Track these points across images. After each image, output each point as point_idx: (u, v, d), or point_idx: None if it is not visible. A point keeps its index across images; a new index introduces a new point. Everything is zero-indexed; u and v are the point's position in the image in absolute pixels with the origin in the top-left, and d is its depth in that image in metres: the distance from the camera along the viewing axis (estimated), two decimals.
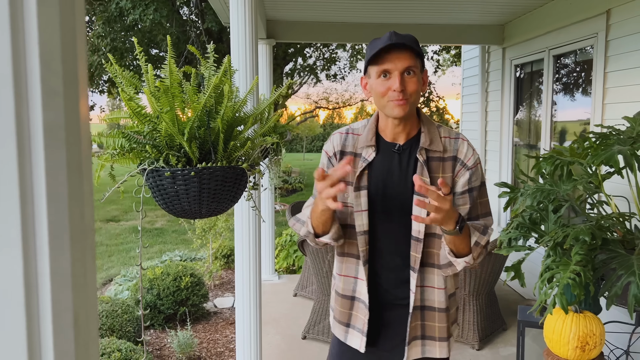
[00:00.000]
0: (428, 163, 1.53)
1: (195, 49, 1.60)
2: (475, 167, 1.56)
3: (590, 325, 2.43)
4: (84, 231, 0.40)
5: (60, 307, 0.38)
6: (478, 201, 1.59)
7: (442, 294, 1.59)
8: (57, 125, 0.37)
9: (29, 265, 0.36)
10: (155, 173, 1.41)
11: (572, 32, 3.67)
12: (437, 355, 1.64)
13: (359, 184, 1.57)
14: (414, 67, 1.45)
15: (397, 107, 1.46)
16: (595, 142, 2.44)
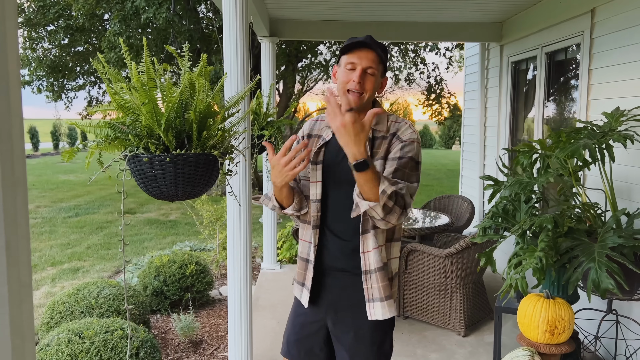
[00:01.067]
0: (373, 141, 1.76)
1: (201, 45, 1.78)
2: (411, 142, 1.73)
3: (560, 311, 2.55)
4: (14, 183, 0.58)
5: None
6: (406, 170, 1.70)
7: (377, 253, 1.74)
8: None
9: None
10: (136, 159, 1.59)
11: (562, 30, 3.76)
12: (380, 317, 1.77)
13: (317, 159, 1.83)
14: (375, 69, 1.71)
15: (351, 97, 1.70)
16: (565, 137, 2.56)
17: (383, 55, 1.73)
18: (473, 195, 5.64)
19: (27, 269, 0.62)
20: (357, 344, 1.81)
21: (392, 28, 5.18)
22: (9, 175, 0.58)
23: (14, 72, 0.60)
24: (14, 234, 0.59)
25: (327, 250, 1.84)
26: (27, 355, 0.61)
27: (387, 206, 1.59)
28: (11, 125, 0.58)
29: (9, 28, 0.59)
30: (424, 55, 12.43)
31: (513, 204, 2.67)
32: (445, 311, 3.63)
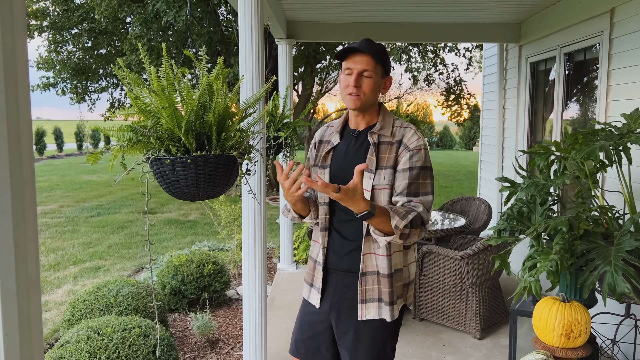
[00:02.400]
0: (378, 145, 1.81)
1: (219, 48, 1.81)
2: (418, 150, 1.77)
3: (576, 314, 2.52)
4: (22, 183, 0.61)
5: (3, 233, 0.58)
6: (419, 181, 1.76)
7: (385, 260, 1.79)
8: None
9: None
10: (158, 161, 1.63)
11: (581, 30, 3.71)
12: (377, 317, 1.83)
13: (324, 164, 1.91)
14: (370, 71, 1.77)
15: (351, 100, 1.80)
16: (582, 138, 2.53)
17: (379, 57, 1.78)
18: (491, 197, 5.59)
19: (36, 265, 0.65)
20: (357, 345, 1.85)
21: (409, 29, 5.17)
22: (18, 176, 0.61)
23: (23, 74, 0.63)
24: (22, 232, 0.61)
25: (334, 251, 1.90)
26: (34, 349, 0.63)
27: (404, 234, 1.67)
28: (20, 127, 0.61)
29: (17, 34, 0.61)
30: (444, 56, 12.35)
31: (528, 206, 2.65)
32: (460, 313, 3.61)
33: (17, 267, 0.60)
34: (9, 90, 0.61)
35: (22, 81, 0.63)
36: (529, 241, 2.54)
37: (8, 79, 0.61)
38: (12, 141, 0.60)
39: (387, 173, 1.78)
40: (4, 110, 0.59)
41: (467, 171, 17.78)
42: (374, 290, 1.82)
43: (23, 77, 0.63)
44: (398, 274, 1.84)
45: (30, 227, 0.63)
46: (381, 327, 1.84)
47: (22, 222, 0.61)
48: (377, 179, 1.79)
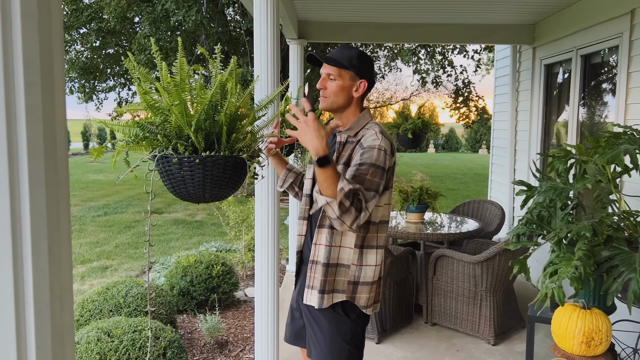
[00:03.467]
0: (345, 144, 1.93)
1: (226, 48, 1.78)
2: (370, 148, 1.81)
3: (597, 322, 2.46)
4: (57, 183, 0.57)
5: (38, 237, 0.54)
6: (366, 177, 1.76)
7: (324, 249, 1.90)
8: (35, 106, 0.53)
9: (14, 205, 0.52)
10: (165, 159, 1.59)
11: (599, 32, 3.66)
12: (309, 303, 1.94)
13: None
14: (333, 74, 1.89)
15: (320, 101, 1.96)
16: (605, 141, 2.47)
17: (345, 64, 1.88)
18: (503, 200, 5.53)
19: (69, 273, 0.61)
20: (311, 327, 2.00)
21: (421, 30, 5.12)
22: (53, 178, 0.57)
23: (59, 71, 0.59)
24: (57, 237, 0.57)
25: (307, 241, 2.05)
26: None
27: (343, 205, 1.66)
28: (55, 127, 0.57)
29: (54, 31, 0.58)
30: (452, 58, 12.28)
31: (549, 211, 2.59)
32: (474, 319, 3.56)
33: (50, 276, 0.56)
34: (46, 86, 0.57)
35: (58, 77, 0.58)
36: (546, 247, 2.49)
37: (45, 73, 0.56)
38: (48, 141, 0.55)
39: (339, 169, 1.86)
40: (39, 107, 0.55)
41: (474, 174, 17.69)
42: (321, 280, 1.91)
43: (59, 72, 0.59)
44: (342, 269, 1.92)
45: (65, 232, 0.59)
46: (334, 314, 1.93)
47: (57, 227, 0.57)
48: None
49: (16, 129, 0.54)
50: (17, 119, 0.54)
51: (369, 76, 1.95)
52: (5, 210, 0.54)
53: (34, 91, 0.55)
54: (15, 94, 0.54)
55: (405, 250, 3.75)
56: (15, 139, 0.54)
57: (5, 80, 0.54)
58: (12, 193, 0.54)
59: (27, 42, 0.54)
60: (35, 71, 0.55)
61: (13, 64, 0.54)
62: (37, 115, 0.55)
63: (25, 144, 0.54)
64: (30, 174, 0.55)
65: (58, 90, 0.58)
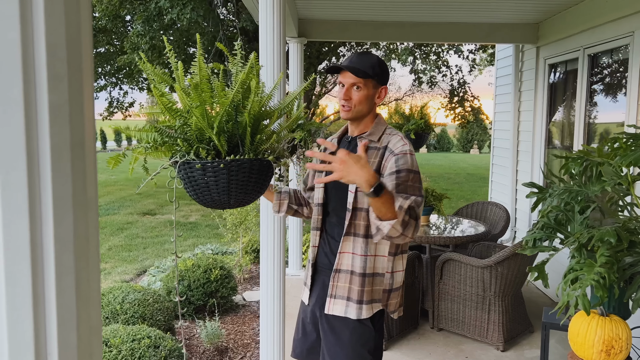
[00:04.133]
0: (366, 151, 1.80)
1: (225, 46, 1.67)
2: (403, 154, 1.79)
3: (617, 329, 2.39)
4: (86, 203, 0.46)
5: (63, 270, 0.43)
6: (408, 183, 1.75)
7: (360, 260, 1.84)
8: (61, 106, 0.42)
9: (35, 231, 0.41)
10: (187, 165, 1.48)
11: (608, 31, 3.59)
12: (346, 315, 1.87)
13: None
14: (359, 84, 1.83)
15: (342, 112, 1.89)
16: (625, 143, 2.39)
17: (369, 73, 1.83)
18: (505, 201, 5.46)
19: (98, 312, 0.49)
20: (328, 340, 1.91)
21: (422, 29, 5.03)
22: (81, 194, 0.46)
23: (88, 60, 0.48)
24: (86, 265, 0.47)
25: (323, 251, 1.98)
26: None
27: (404, 221, 1.63)
28: (84, 130, 0.46)
29: (83, 10, 0.47)
30: (447, 58, 12.23)
31: (566, 214, 2.51)
32: (482, 324, 3.47)
33: (78, 313, 0.44)
34: (74, 80, 0.45)
35: (87, 69, 0.47)
36: (562, 252, 2.40)
37: (73, 64, 0.45)
38: (76, 151, 0.44)
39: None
40: (66, 107, 0.43)
41: (467, 174, 17.68)
42: (344, 288, 1.87)
43: (88, 63, 0.47)
44: (378, 278, 1.88)
45: (94, 264, 0.48)
46: (357, 324, 1.86)
47: (85, 257, 0.46)
48: None
49: (37, 135, 0.43)
50: (38, 123, 0.44)
51: (387, 82, 1.95)
52: (25, 240, 0.43)
53: (60, 87, 0.44)
54: (36, 91, 0.43)
55: (411, 254, 3.66)
56: (35, 148, 0.43)
57: (24, 73, 0.42)
58: (32, 218, 0.43)
59: (51, 22, 0.43)
60: (61, 61, 0.44)
61: (34, 51, 0.43)
62: (63, 116, 0.44)
63: (49, 156, 0.43)
64: (54, 194, 0.44)
65: (87, 86, 0.47)
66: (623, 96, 3.57)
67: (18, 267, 0.42)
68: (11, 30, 0.40)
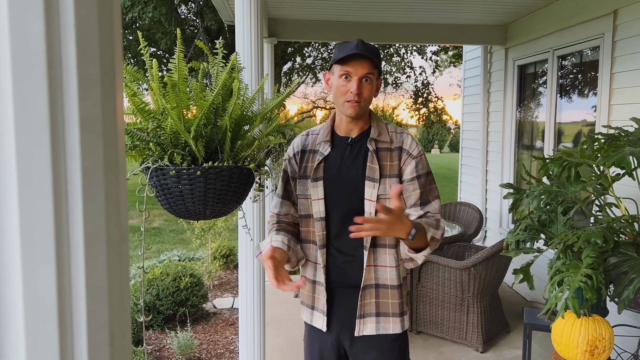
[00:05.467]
0: (377, 152, 1.71)
1: (204, 45, 1.56)
2: (420, 156, 1.72)
3: (600, 329, 2.40)
4: (121, 237, 0.36)
5: (96, 325, 0.34)
6: (428, 187, 1.72)
7: (395, 271, 1.71)
8: (94, 118, 0.33)
9: (63, 277, 0.32)
10: (160, 172, 1.37)
11: (578, 33, 3.64)
12: (390, 331, 1.74)
13: (316, 176, 1.75)
14: (371, 75, 1.64)
15: (351, 108, 1.65)
16: (604, 144, 2.41)
17: (377, 60, 1.67)
18: (474, 202, 5.50)
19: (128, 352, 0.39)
20: (372, 356, 1.76)
21: (392, 29, 5.01)
22: (114, 230, 0.36)
23: (119, 62, 0.38)
24: (118, 321, 0.37)
25: (335, 268, 1.77)
26: None
27: (437, 245, 1.67)
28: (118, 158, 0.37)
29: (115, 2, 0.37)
30: (411, 59, 12.34)
31: (549, 215, 2.51)
32: (461, 326, 3.46)
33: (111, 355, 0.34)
34: (107, 85, 0.35)
35: (119, 73, 0.37)
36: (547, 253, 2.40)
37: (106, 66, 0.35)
38: (110, 175, 0.34)
39: (392, 182, 1.69)
40: (99, 104, 0.33)
41: None
42: (377, 304, 1.74)
43: (119, 65, 0.37)
44: (404, 283, 1.79)
45: (126, 309, 0.38)
46: (399, 340, 1.77)
47: (119, 304, 0.37)
48: (382, 188, 1.69)
49: (65, 155, 0.33)
50: (66, 138, 0.34)
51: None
52: (50, 291, 0.33)
53: (92, 94, 0.34)
54: (63, 99, 0.33)
55: None
56: (63, 172, 0.34)
57: (50, 78, 0.33)
58: (59, 262, 0.34)
59: (82, 14, 0.34)
60: (94, 62, 0.35)
61: (60, 50, 0.33)
62: (95, 131, 0.35)
63: (80, 182, 0.34)
64: (86, 230, 0.34)
65: (119, 93, 0.37)
66: (593, 97, 3.63)
67: (43, 327, 0.32)
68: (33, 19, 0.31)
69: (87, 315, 0.33)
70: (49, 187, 0.31)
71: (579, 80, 3.88)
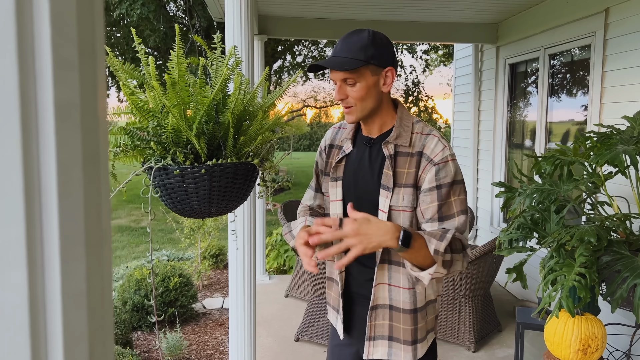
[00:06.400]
0: (395, 157, 1.52)
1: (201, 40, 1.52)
2: (445, 163, 1.47)
3: (593, 328, 2.39)
4: (102, 238, 0.32)
5: (73, 337, 0.30)
6: (452, 199, 1.48)
7: (408, 294, 1.53)
8: (71, 105, 0.29)
9: (35, 283, 0.28)
10: (163, 171, 1.33)
11: (569, 31, 3.64)
12: (401, 359, 1.56)
13: (336, 175, 1.62)
14: (354, 77, 1.45)
15: (346, 115, 1.53)
16: (597, 142, 2.40)
17: (359, 57, 1.45)
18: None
19: None
20: None
21: (382, 27, 4.95)
22: (95, 229, 0.32)
23: (101, 44, 0.34)
24: (100, 333, 0.33)
25: (352, 277, 1.64)
26: None
27: (446, 261, 1.40)
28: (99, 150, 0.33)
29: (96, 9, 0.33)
30: (401, 58, 12.33)
31: (542, 214, 2.49)
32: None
33: None
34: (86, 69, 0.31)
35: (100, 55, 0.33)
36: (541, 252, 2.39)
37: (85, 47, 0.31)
38: (89, 163, 0.29)
39: (407, 193, 1.48)
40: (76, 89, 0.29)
41: None
42: (383, 326, 1.56)
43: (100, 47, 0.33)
44: (430, 306, 1.58)
45: (109, 320, 0.34)
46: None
47: (99, 312, 0.33)
48: (395, 198, 1.49)
49: (38, 146, 0.30)
50: (39, 129, 0.30)
51: (393, 60, 1.52)
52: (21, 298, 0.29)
53: (69, 78, 0.30)
54: (36, 84, 0.29)
55: None
56: (36, 166, 0.30)
57: (20, 58, 0.29)
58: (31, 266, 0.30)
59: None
60: (71, 42, 0.31)
61: (33, 29, 0.29)
62: (73, 120, 0.31)
63: (55, 177, 0.30)
64: (62, 231, 0.31)
65: (101, 78, 0.34)
66: (584, 95, 3.63)
67: (13, 340, 0.29)
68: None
69: (63, 327, 0.30)
70: (19, 182, 0.28)
71: (570, 79, 3.88)
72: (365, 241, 1.30)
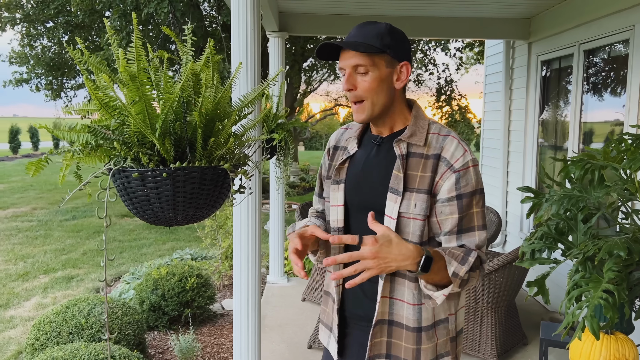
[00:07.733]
0: (407, 158, 1.37)
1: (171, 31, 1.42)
2: (466, 169, 1.33)
3: (623, 349, 2.18)
4: None
5: None
6: (473, 211, 1.36)
7: (412, 310, 1.38)
8: None
9: None
10: (123, 174, 1.23)
11: (606, 25, 3.39)
12: None
13: (338, 177, 1.50)
14: (365, 64, 1.33)
15: (355, 113, 1.40)
16: (632, 145, 2.19)
17: (375, 43, 1.33)
18: (494, 204, 5.26)
19: None
20: None
21: (411, 23, 4.80)
22: None
23: None
24: None
25: (351, 292, 1.49)
26: None
27: (463, 280, 1.32)
28: None
29: None
30: (434, 56, 12.06)
31: (568, 223, 2.29)
32: (474, 337, 3.26)
33: None
34: None
35: None
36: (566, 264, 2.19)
37: None
38: None
39: (419, 199, 1.34)
40: None
41: None
42: (381, 343, 1.42)
43: None
44: (441, 325, 1.42)
45: None
46: None
47: None
48: (405, 204, 1.34)
49: None
50: None
51: (409, 56, 1.40)
52: None
53: None
54: None
55: None
56: None
57: None
58: None
59: None
60: None
61: None
62: None
63: None
64: None
65: None
66: (621, 94, 3.37)
67: None
68: None
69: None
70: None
71: (607, 77, 3.62)
72: (383, 265, 1.20)
